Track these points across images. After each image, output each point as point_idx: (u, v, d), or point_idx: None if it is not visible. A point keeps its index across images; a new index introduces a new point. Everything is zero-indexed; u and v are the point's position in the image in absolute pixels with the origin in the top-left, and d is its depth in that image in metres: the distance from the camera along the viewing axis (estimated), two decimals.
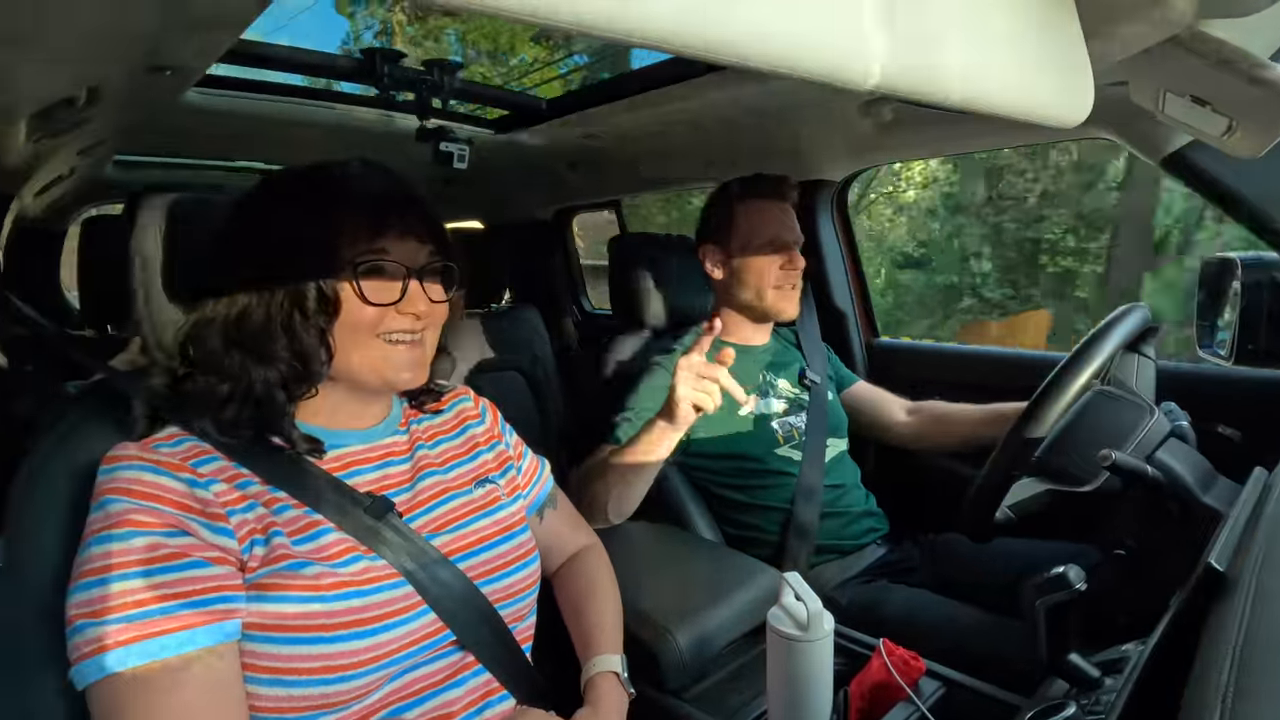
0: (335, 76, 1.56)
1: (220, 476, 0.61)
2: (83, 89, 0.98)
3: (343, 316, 0.64)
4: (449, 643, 0.67)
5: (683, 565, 1.03)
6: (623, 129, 1.62)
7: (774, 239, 1.28)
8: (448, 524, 0.71)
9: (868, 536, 1.28)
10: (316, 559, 0.61)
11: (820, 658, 0.69)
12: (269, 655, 0.57)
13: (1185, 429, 0.95)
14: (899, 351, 1.74)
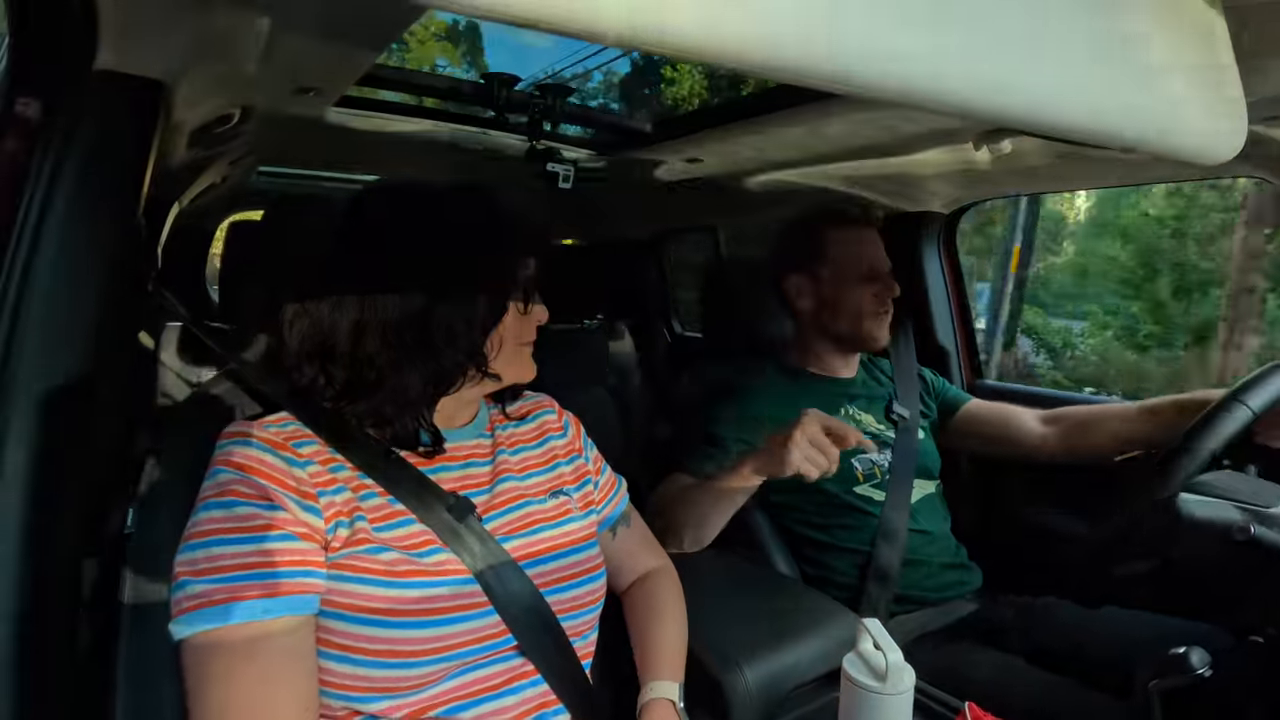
0: (458, 99, 1.66)
1: (316, 459, 0.65)
2: (237, 108, 1.09)
3: (504, 325, 0.71)
4: (510, 647, 0.68)
5: (757, 598, 1.01)
6: (725, 155, 1.62)
7: (870, 266, 1.26)
8: (520, 529, 0.73)
9: (954, 590, 1.20)
10: (396, 546, 0.64)
11: (898, 713, 0.65)
12: (342, 633, 0.61)
13: None
14: (1004, 394, 1.64)
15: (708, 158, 1.68)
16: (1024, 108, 0.43)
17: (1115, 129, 0.48)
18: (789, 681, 0.85)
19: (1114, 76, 0.47)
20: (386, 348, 0.66)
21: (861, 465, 1.23)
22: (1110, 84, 0.47)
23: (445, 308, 0.67)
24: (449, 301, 0.67)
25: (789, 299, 1.32)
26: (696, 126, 1.56)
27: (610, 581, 0.89)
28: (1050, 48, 0.44)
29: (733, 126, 1.47)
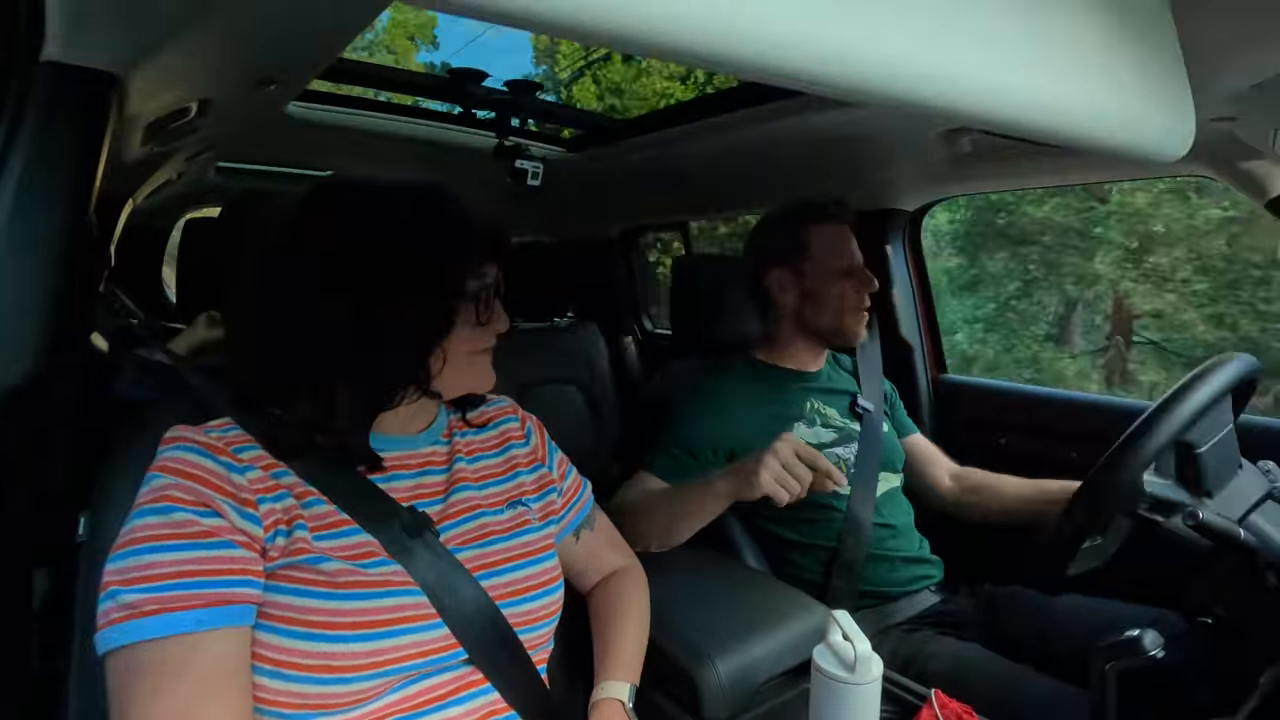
0: (423, 94, 1.64)
1: (258, 464, 0.63)
2: (194, 101, 1.06)
3: (454, 335, 0.68)
4: (459, 659, 0.66)
5: (727, 592, 1.01)
6: (693, 152, 1.63)
7: (851, 262, 1.28)
8: (474, 540, 0.71)
9: (917, 584, 1.22)
10: (338, 556, 0.62)
11: (867, 703, 0.66)
12: (275, 647, 0.58)
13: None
14: (968, 388, 1.68)
15: (676, 155, 1.68)
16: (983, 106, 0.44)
17: (1071, 128, 0.50)
18: (760, 674, 0.86)
19: (1069, 78, 0.49)
20: (321, 356, 0.63)
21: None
22: (1066, 85, 0.48)
23: (379, 318, 0.63)
24: (385, 311, 0.63)
25: (770, 293, 1.32)
26: (665, 124, 1.57)
27: (575, 583, 0.88)
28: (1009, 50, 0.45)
29: (700, 124, 1.48)
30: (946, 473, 1.40)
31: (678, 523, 1.08)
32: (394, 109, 1.66)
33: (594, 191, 2.18)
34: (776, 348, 1.34)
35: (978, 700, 0.81)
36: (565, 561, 0.85)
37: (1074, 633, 1.08)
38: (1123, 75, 0.52)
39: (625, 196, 2.14)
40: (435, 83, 1.58)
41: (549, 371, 1.88)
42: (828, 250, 1.27)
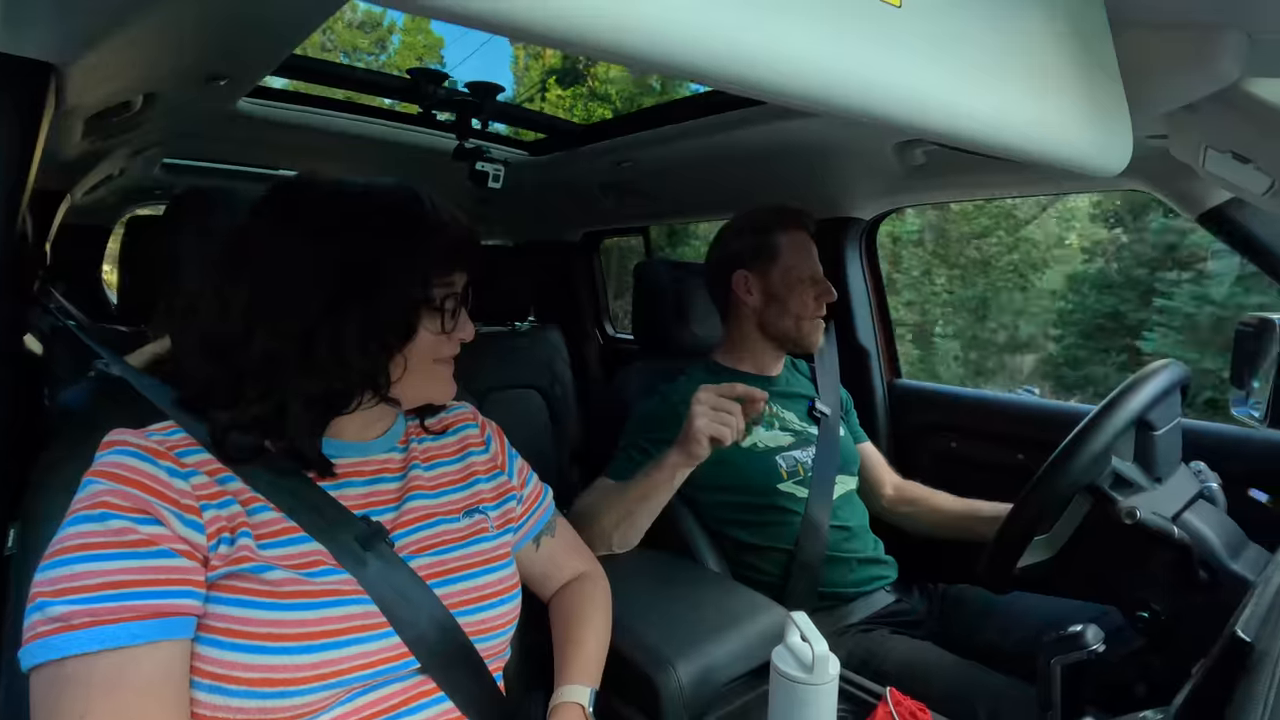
0: (382, 94, 1.61)
1: (203, 469, 0.60)
2: (139, 94, 1.02)
3: (414, 344, 0.66)
4: (411, 669, 0.65)
5: (687, 596, 1.02)
6: (655, 158, 1.64)
7: (814, 271, 1.30)
8: (429, 548, 0.70)
9: (873, 584, 1.24)
10: (284, 565, 0.60)
11: (823, 702, 0.67)
12: (213, 660, 0.56)
13: (1215, 491, 0.93)
14: (921, 393, 1.72)
15: (638, 160, 1.69)
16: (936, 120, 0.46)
17: (1017, 142, 0.52)
18: (720, 677, 0.86)
19: (1016, 95, 0.51)
20: (269, 360, 0.60)
21: (785, 464, 1.25)
22: (1013, 102, 0.50)
23: (335, 324, 0.61)
24: (340, 317, 0.61)
25: (735, 294, 1.34)
26: (627, 129, 1.57)
27: (537, 590, 0.87)
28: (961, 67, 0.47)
29: (663, 130, 1.49)
30: (889, 482, 1.44)
31: (633, 507, 1.07)
32: (351, 108, 1.63)
33: (556, 195, 2.17)
34: (736, 351, 1.36)
35: (931, 696, 0.83)
36: (526, 569, 0.85)
37: (1021, 630, 1.12)
38: (1066, 94, 0.55)
39: (587, 200, 2.14)
40: (395, 82, 1.55)
41: (509, 376, 1.86)
42: (795, 257, 1.29)
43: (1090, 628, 0.64)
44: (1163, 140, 0.88)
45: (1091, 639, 0.61)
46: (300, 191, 0.65)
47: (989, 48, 0.49)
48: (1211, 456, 1.00)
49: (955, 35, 0.46)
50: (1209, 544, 0.83)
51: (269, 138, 1.65)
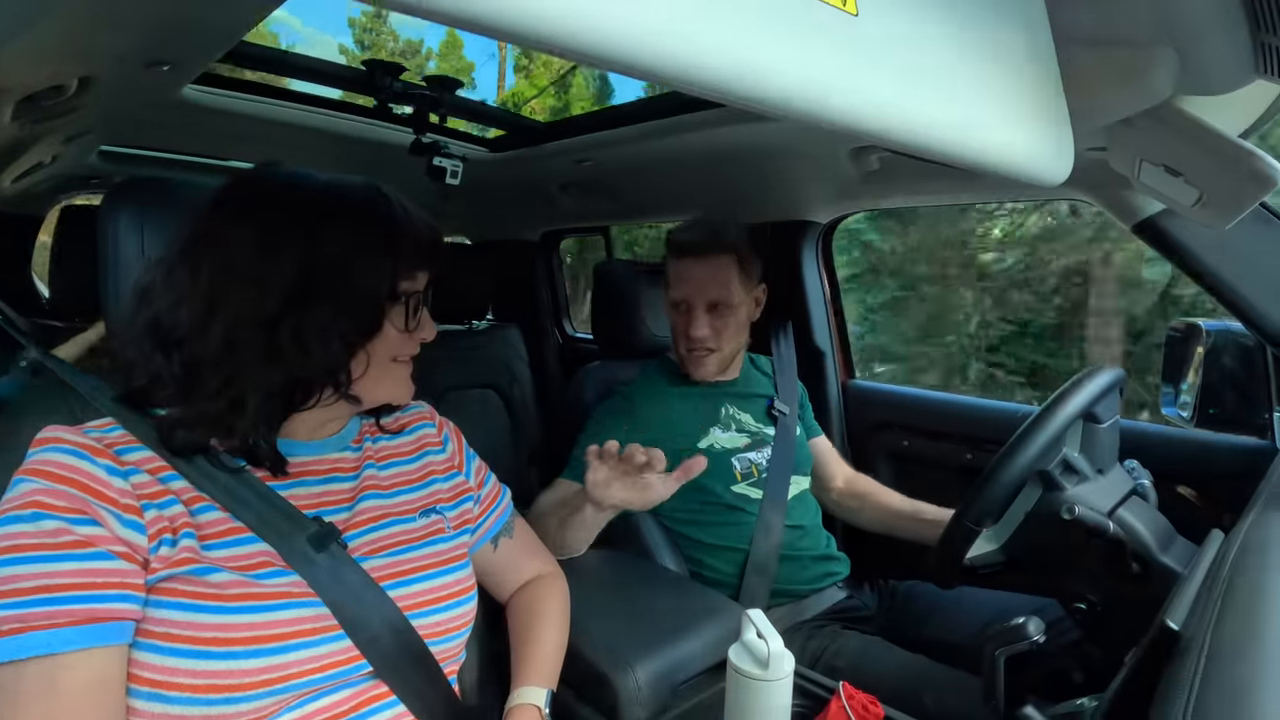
0: (335, 85, 1.57)
1: (144, 467, 0.58)
2: (74, 78, 0.97)
3: (378, 341, 0.65)
4: (363, 672, 0.63)
5: (645, 596, 1.02)
6: (615, 158, 1.64)
7: (681, 300, 1.28)
8: (382, 549, 0.69)
9: (825, 581, 1.27)
10: (229, 567, 0.58)
11: (779, 698, 0.68)
12: (153, 666, 0.54)
13: (1147, 488, 0.97)
14: (874, 393, 1.76)
15: (599, 160, 1.68)
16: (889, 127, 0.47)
17: (967, 151, 0.53)
18: (678, 675, 0.87)
19: (966, 105, 0.52)
20: (229, 351, 0.58)
21: (740, 465, 1.26)
22: (962, 111, 0.52)
23: (300, 316, 0.59)
24: (306, 309, 0.59)
25: None
26: (588, 128, 1.57)
27: (494, 591, 0.87)
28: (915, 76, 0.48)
29: (623, 131, 1.49)
30: (840, 475, 1.46)
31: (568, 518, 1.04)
32: (304, 99, 1.58)
33: (515, 192, 2.15)
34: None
35: (881, 689, 0.85)
36: (484, 569, 0.84)
37: (967, 623, 1.16)
38: (1013, 106, 0.57)
39: (547, 199, 2.12)
40: (350, 74, 1.51)
41: (467, 376, 1.84)
42: (674, 281, 1.30)
43: (1032, 620, 0.67)
44: (1102, 152, 0.92)
45: (1033, 631, 0.63)
46: (264, 183, 0.64)
47: (941, 59, 0.50)
48: (1143, 455, 1.05)
49: (909, 45, 0.48)
50: (1141, 538, 0.87)
51: (215, 127, 1.59)
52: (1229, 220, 0.84)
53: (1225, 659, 0.39)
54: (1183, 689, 0.38)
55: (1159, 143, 0.80)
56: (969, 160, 0.55)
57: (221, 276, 0.59)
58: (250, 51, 1.34)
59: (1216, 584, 0.51)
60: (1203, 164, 0.79)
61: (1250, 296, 1.06)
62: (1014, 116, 0.57)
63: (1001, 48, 0.56)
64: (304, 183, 0.64)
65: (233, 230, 0.60)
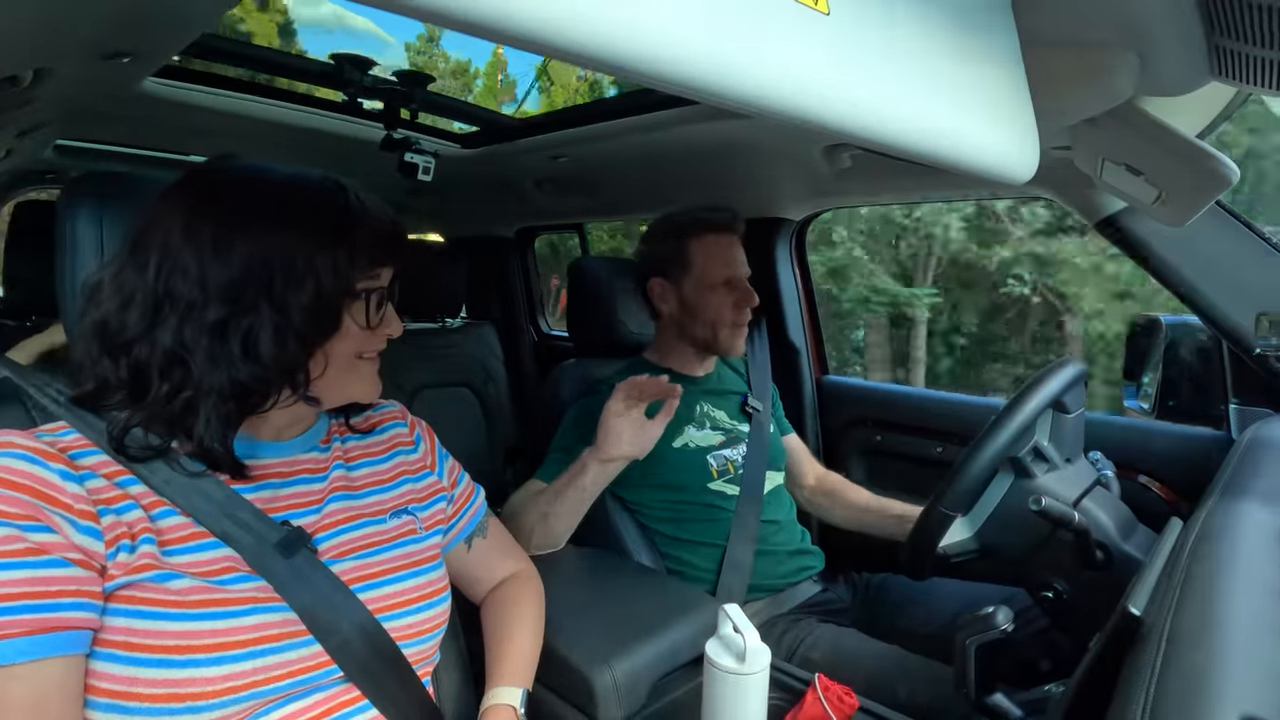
0: (303, 79, 1.54)
1: (100, 471, 0.56)
2: (29, 69, 0.94)
3: (337, 338, 0.63)
4: (333, 677, 0.62)
5: (622, 593, 1.02)
6: (590, 154, 1.63)
7: (731, 276, 1.28)
8: (352, 551, 0.67)
9: (800, 575, 1.28)
10: (191, 573, 0.56)
11: (756, 691, 0.68)
12: (113, 676, 0.53)
13: (1110, 478, 1.00)
14: (848, 389, 1.79)
15: (573, 156, 1.68)
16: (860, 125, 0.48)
17: (936, 149, 0.54)
18: (656, 671, 0.87)
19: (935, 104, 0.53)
20: (178, 354, 0.57)
21: (715, 462, 1.27)
22: (932, 110, 0.53)
23: (252, 316, 0.57)
24: (259, 308, 0.58)
25: (653, 300, 1.34)
26: (563, 124, 1.56)
27: (468, 591, 0.86)
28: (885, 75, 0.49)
29: (597, 127, 1.48)
30: (811, 473, 1.48)
31: (549, 508, 1.07)
32: (271, 92, 1.55)
33: (489, 189, 2.13)
34: (663, 351, 1.37)
35: (856, 680, 0.87)
36: (458, 570, 0.83)
37: (938, 613, 1.18)
38: (981, 105, 0.58)
39: (521, 196, 2.11)
40: (317, 67, 1.48)
41: (441, 374, 1.82)
42: (708, 262, 1.28)
43: (1001, 609, 0.68)
44: (1066, 151, 0.94)
45: (1002, 620, 0.65)
46: (217, 177, 0.62)
47: (910, 59, 0.51)
48: (1106, 446, 1.08)
49: (879, 45, 0.48)
50: (1105, 528, 0.89)
51: (178, 121, 1.54)
52: (1187, 218, 0.87)
53: (1184, 644, 0.40)
54: (1144, 673, 0.39)
55: (1121, 142, 0.82)
56: (938, 158, 0.56)
57: (169, 275, 0.57)
58: (213, 44, 1.31)
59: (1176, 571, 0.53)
60: (1162, 163, 0.81)
61: (1207, 292, 1.09)
62: (982, 116, 0.58)
63: (970, 49, 0.57)
64: (257, 176, 0.62)
65: (181, 226, 0.58)
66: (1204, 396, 1.19)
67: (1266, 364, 0.99)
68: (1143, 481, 1.24)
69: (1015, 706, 0.67)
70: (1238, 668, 0.36)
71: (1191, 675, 0.36)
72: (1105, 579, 0.87)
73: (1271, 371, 0.98)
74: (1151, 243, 1.12)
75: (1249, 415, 1.13)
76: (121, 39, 0.93)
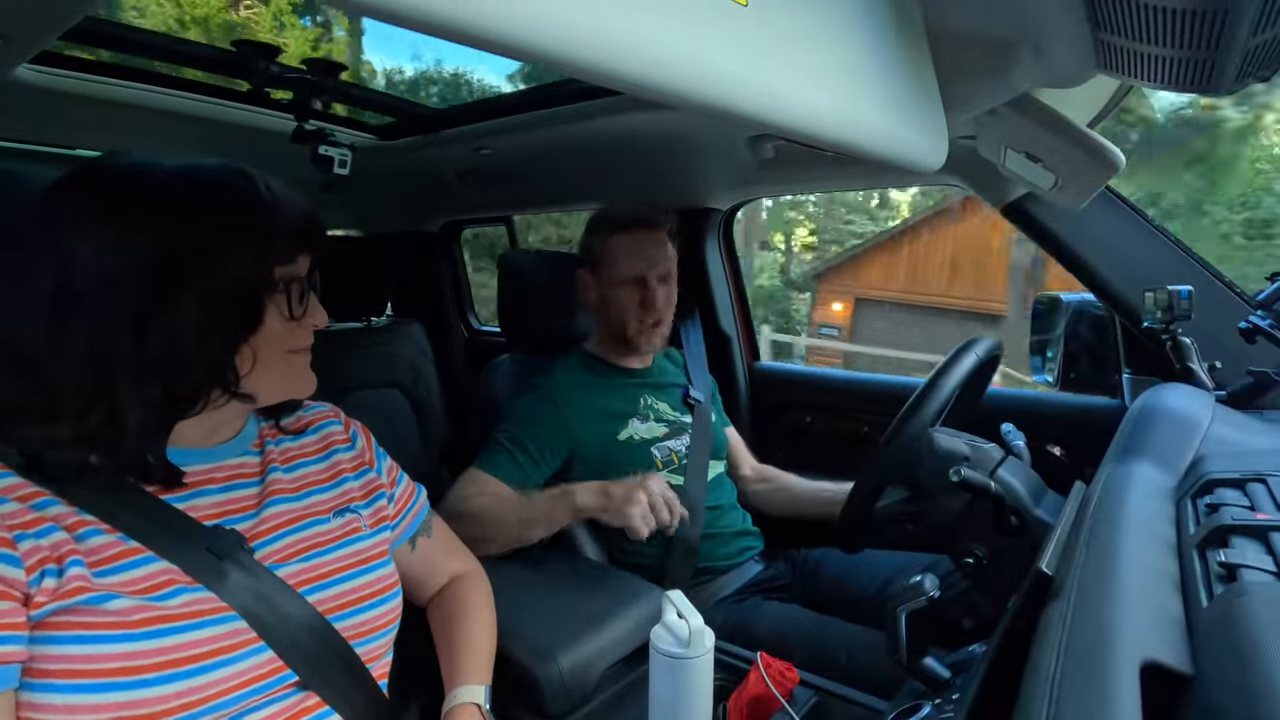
0: (201, 67, 1.44)
1: (11, 495, 0.53)
2: None
3: (261, 334, 0.61)
4: (290, 684, 0.61)
5: (567, 587, 1.02)
6: (514, 145, 1.61)
7: (642, 275, 1.28)
8: (296, 554, 0.66)
9: (743, 555, 1.32)
10: (127, 592, 0.54)
11: (701, 674, 0.70)
12: (51, 706, 0.50)
13: (1021, 448, 1.06)
14: (778, 374, 1.83)
15: (497, 148, 1.64)
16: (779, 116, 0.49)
17: (850, 140, 0.56)
18: (602, 663, 0.87)
19: (848, 95, 0.55)
20: (95, 365, 0.54)
21: (660, 454, 1.28)
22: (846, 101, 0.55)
23: (170, 315, 0.55)
24: (176, 307, 0.55)
25: (580, 291, 1.35)
26: (485, 115, 1.52)
27: (414, 594, 0.84)
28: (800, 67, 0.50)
29: (521, 118, 1.46)
30: (747, 464, 1.52)
31: (525, 531, 1.07)
32: (170, 81, 1.44)
33: (410, 182, 2.07)
34: (602, 344, 1.37)
35: (798, 653, 0.90)
36: (402, 572, 0.81)
37: (870, 584, 1.23)
38: (892, 97, 0.60)
39: (445, 189, 2.05)
40: (215, 55, 1.39)
41: (368, 375, 1.76)
42: (622, 259, 1.28)
43: (928, 576, 0.72)
44: (972, 141, 0.99)
45: (929, 587, 0.68)
46: (110, 170, 0.57)
47: (823, 51, 0.52)
48: (1016, 417, 1.15)
49: (794, 37, 0.50)
50: (1018, 494, 0.95)
51: (63, 112, 1.42)
52: (1082, 201, 0.93)
53: (1090, 599, 0.43)
54: (1057, 628, 0.42)
55: (1020, 131, 0.87)
56: (855, 148, 0.58)
57: (70, 280, 0.53)
58: (98, 29, 1.21)
59: (1081, 531, 0.57)
60: (1058, 150, 0.86)
61: (1101, 271, 1.17)
62: (894, 107, 0.60)
63: (881, 43, 0.59)
64: (153, 169, 0.58)
65: (76, 226, 0.54)
66: (1101, 368, 1.28)
67: (1154, 336, 1.07)
68: (1050, 449, 1.33)
69: (944, 668, 0.71)
70: (1137, 616, 0.39)
71: (1098, 627, 0.39)
72: (1020, 542, 0.93)
73: (1158, 342, 1.06)
74: (1052, 226, 1.20)
75: (1139, 384, 1.23)
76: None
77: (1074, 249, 1.19)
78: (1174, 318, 1.03)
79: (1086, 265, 1.18)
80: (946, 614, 1.06)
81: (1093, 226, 1.17)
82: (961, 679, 0.69)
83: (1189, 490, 0.60)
